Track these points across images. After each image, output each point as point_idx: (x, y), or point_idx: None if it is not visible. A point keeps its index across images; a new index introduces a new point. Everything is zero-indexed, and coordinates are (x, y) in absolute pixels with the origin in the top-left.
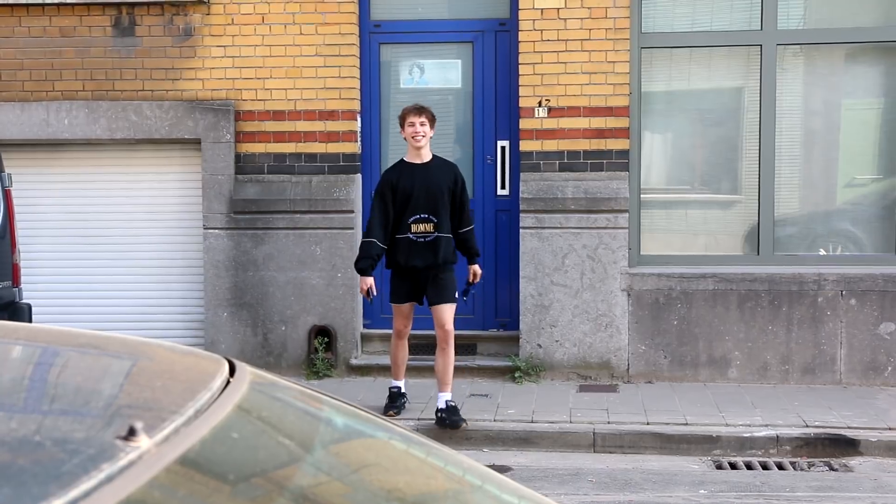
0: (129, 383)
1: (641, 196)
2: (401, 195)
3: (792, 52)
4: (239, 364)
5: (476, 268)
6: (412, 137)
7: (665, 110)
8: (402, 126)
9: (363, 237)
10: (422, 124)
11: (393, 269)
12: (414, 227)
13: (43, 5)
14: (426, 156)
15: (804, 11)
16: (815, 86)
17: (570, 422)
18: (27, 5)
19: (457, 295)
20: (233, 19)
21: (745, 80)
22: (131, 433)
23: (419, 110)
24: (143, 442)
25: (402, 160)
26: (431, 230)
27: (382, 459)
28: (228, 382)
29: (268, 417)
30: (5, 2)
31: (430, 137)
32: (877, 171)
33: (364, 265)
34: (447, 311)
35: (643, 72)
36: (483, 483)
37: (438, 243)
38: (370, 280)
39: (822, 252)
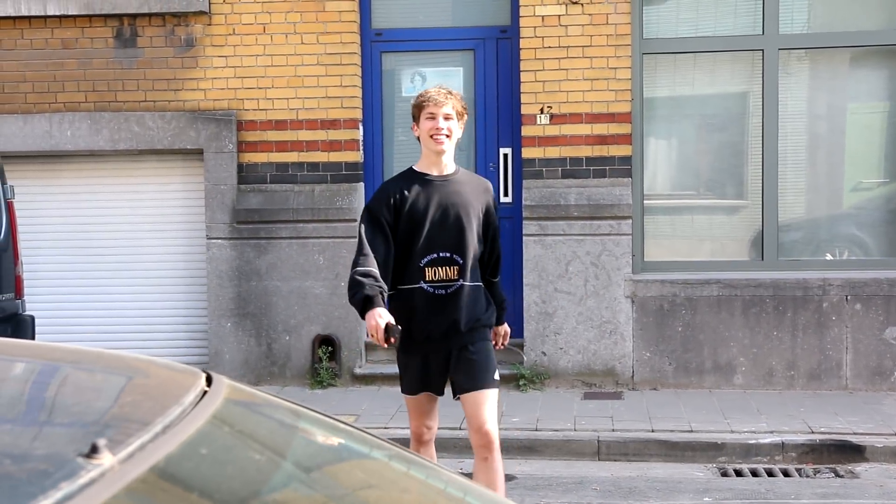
0: (98, 399)
1: (645, 202)
2: (408, 223)
3: (795, 56)
4: (216, 377)
5: (505, 329)
6: (431, 137)
7: (668, 116)
8: (416, 119)
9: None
10: (446, 118)
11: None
12: (429, 273)
13: (45, 17)
14: (448, 165)
15: (807, 16)
16: (819, 90)
17: (575, 430)
18: (29, 18)
19: (497, 376)
20: (234, 29)
21: (748, 85)
22: (94, 450)
23: (444, 97)
24: (105, 459)
25: (410, 170)
26: (454, 277)
27: (364, 475)
28: (205, 396)
29: (241, 433)
30: (7, 14)
31: (459, 139)
32: (882, 174)
33: (359, 295)
34: (485, 402)
35: (645, 77)
36: (465, 495)
37: (461, 296)
38: (377, 313)
39: (829, 257)
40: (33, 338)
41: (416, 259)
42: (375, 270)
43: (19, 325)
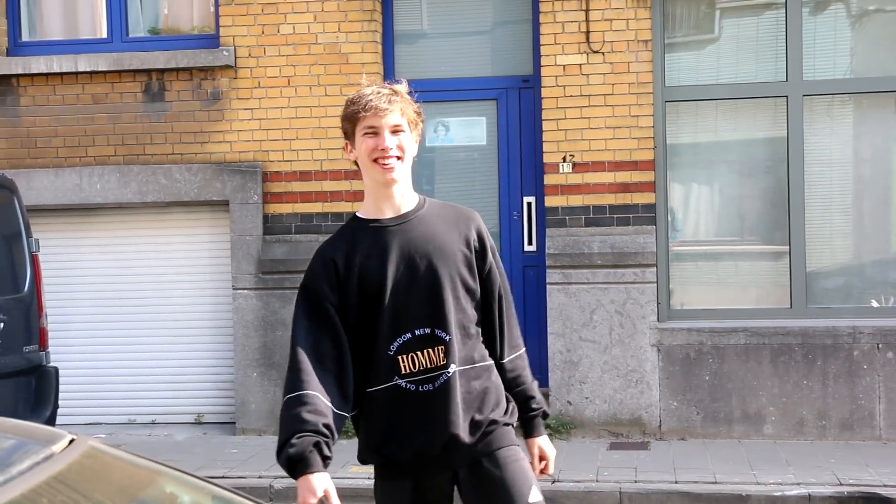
0: None
1: (670, 250)
2: (360, 297)
3: (819, 102)
4: (80, 440)
5: (541, 443)
6: (374, 161)
7: (691, 163)
8: (350, 137)
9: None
10: (394, 131)
11: (375, 464)
12: (405, 363)
13: (76, 74)
14: (406, 199)
15: (831, 62)
16: (845, 136)
17: (597, 481)
18: (61, 74)
19: (538, 496)
20: (259, 82)
21: (772, 131)
22: None
23: (387, 100)
24: None
25: (352, 218)
26: (441, 362)
27: None
28: (45, 461)
29: (69, 500)
30: (41, 71)
31: (414, 159)
32: None
33: (287, 455)
34: None
35: (668, 125)
36: None
37: (456, 388)
38: (308, 486)
39: (875, 304)
40: (57, 389)
41: (383, 347)
42: (315, 397)
43: (43, 377)
